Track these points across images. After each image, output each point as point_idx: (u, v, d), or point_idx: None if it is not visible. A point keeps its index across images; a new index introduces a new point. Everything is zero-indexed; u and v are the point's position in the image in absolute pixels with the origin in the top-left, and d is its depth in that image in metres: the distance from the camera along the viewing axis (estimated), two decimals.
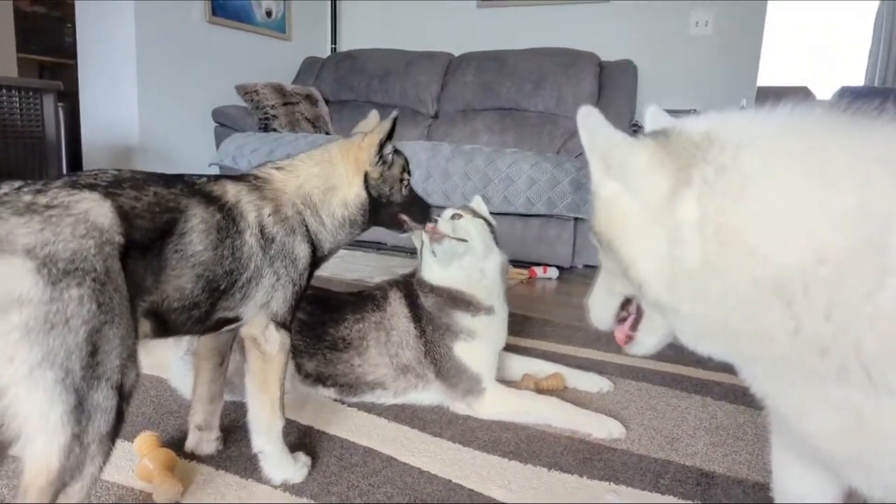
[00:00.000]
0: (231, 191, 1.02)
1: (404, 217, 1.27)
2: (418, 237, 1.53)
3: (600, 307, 0.78)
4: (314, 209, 1.13)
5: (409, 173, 1.26)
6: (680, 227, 0.61)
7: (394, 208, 1.24)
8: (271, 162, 1.17)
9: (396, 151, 1.23)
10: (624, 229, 0.65)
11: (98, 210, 0.79)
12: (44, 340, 0.70)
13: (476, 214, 1.52)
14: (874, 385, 0.55)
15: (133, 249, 0.82)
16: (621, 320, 0.78)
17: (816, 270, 0.55)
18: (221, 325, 1.05)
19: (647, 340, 0.76)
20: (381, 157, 1.18)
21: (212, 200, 0.98)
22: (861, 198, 0.55)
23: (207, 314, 0.98)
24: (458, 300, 1.45)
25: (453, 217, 1.48)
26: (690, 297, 0.62)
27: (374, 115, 1.30)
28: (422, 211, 1.31)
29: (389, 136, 1.18)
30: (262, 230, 1.03)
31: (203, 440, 1.20)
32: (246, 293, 1.02)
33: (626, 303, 0.76)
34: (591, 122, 0.66)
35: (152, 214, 0.87)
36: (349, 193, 1.17)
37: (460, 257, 1.44)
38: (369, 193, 1.19)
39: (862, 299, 0.53)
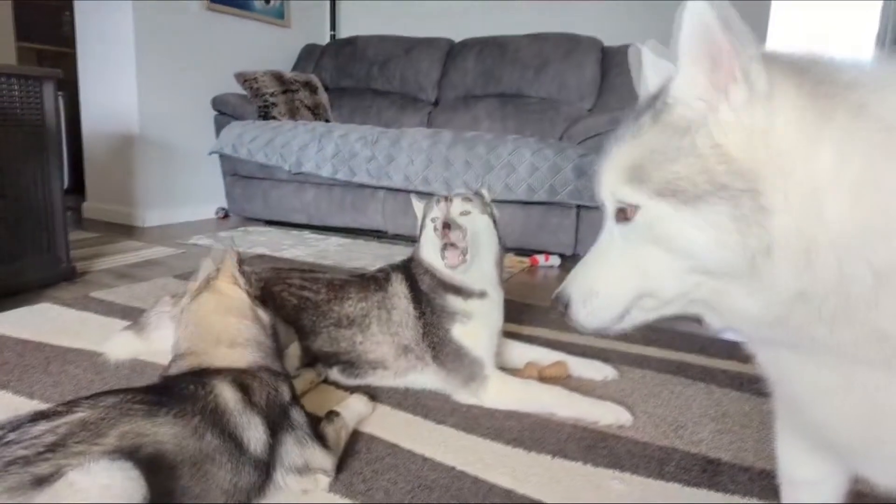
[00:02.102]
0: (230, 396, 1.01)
1: None
2: (419, 207, 1.54)
3: (611, 301, 0.65)
4: None
5: None
6: (820, 175, 0.50)
7: None
8: None
9: None
10: (771, 166, 0.52)
11: None
12: None
13: (485, 205, 1.50)
14: None
15: None
16: None
17: None
18: None
19: (639, 316, 0.65)
20: None
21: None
22: None
23: None
24: (447, 284, 1.46)
25: (462, 213, 1.42)
26: (807, 271, 0.52)
27: None
28: None
29: None
30: None
31: None
32: None
33: None
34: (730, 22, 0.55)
35: None
36: None
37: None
38: None
39: None
